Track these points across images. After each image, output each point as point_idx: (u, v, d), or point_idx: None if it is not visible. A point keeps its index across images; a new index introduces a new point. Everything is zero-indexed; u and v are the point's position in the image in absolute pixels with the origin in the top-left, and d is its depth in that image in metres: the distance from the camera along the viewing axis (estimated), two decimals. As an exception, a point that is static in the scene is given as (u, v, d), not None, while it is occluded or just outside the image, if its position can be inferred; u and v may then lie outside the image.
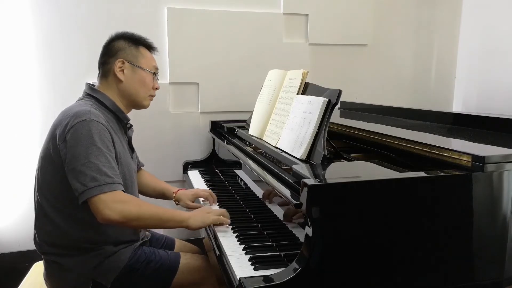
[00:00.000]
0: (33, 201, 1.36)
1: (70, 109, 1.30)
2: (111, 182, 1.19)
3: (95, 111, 1.27)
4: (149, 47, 1.49)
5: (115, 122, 1.40)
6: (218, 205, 1.60)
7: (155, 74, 1.48)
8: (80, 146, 1.19)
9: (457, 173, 1.05)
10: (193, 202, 1.61)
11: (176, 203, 1.66)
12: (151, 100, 1.50)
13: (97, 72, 1.45)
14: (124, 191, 1.23)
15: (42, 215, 1.32)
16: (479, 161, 1.03)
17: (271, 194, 1.41)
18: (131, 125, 1.52)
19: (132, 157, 1.48)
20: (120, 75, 1.39)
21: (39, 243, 1.35)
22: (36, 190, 1.34)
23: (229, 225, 1.36)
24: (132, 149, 1.52)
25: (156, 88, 1.50)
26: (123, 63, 1.39)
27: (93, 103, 1.34)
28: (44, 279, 1.38)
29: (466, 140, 1.43)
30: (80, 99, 1.40)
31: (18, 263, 2.04)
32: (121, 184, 1.22)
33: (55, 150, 1.24)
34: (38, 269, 1.55)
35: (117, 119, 1.41)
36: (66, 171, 1.21)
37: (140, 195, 1.66)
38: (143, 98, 1.46)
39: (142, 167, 1.74)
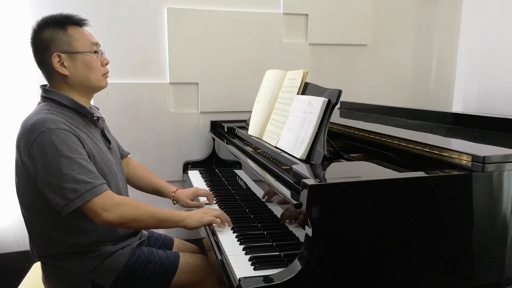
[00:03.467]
0: (20, 213, 1.33)
1: (27, 119, 1.22)
2: (92, 187, 1.16)
3: (52, 117, 1.20)
4: (77, 23, 1.33)
5: (80, 119, 1.31)
6: (218, 205, 1.60)
7: (96, 52, 1.33)
8: (48, 160, 1.14)
9: (457, 173, 1.05)
10: (192, 201, 1.61)
11: (174, 203, 1.64)
12: (107, 77, 1.38)
13: None
14: (110, 190, 1.21)
15: (31, 226, 1.31)
16: (479, 161, 1.03)
17: (270, 193, 1.41)
18: (99, 117, 1.39)
19: (110, 149, 1.42)
20: (62, 70, 1.27)
21: (35, 254, 1.34)
22: (19, 202, 1.31)
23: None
24: (108, 141, 1.43)
25: (106, 63, 1.37)
26: (59, 56, 1.26)
27: (50, 106, 1.26)
28: (43, 282, 1.37)
29: (466, 140, 1.43)
30: (38, 104, 1.32)
31: (18, 263, 2.04)
32: (103, 184, 1.20)
33: (23, 165, 1.21)
34: (38, 269, 1.54)
35: (81, 115, 1.32)
36: (40, 186, 1.17)
37: (134, 190, 1.65)
38: (97, 81, 1.33)
39: (128, 156, 1.68)
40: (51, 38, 1.27)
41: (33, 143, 1.16)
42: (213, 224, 1.34)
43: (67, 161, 1.15)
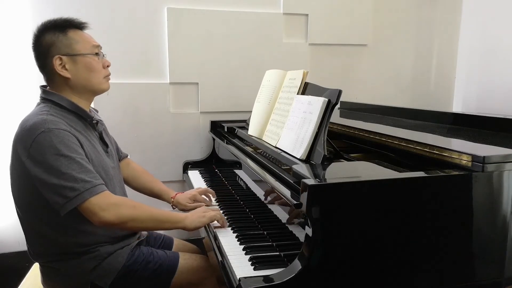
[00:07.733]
0: (16, 213, 1.32)
1: (26, 120, 1.22)
2: (91, 186, 1.16)
3: (51, 118, 1.20)
4: (77, 26, 1.33)
5: (79, 122, 1.31)
6: (218, 205, 1.60)
7: (97, 54, 1.33)
8: (47, 159, 1.14)
9: (457, 173, 1.05)
10: (191, 203, 1.60)
11: (173, 208, 1.63)
12: (109, 79, 1.38)
13: None
14: (108, 190, 1.20)
15: (27, 226, 1.30)
16: (479, 161, 1.03)
17: (270, 192, 1.41)
18: (99, 120, 1.41)
19: (107, 152, 1.40)
20: (64, 73, 1.28)
21: (32, 255, 1.33)
22: (14, 202, 1.30)
23: (229, 225, 1.36)
24: (105, 144, 1.43)
25: (108, 66, 1.37)
26: (60, 59, 1.27)
27: (50, 107, 1.26)
28: (42, 284, 1.37)
29: (466, 140, 1.43)
30: (37, 105, 1.31)
31: (18, 263, 2.04)
32: (102, 184, 1.19)
33: (21, 166, 1.19)
34: (37, 269, 1.54)
35: (81, 118, 1.32)
36: (38, 185, 1.17)
37: (134, 193, 1.64)
38: (98, 83, 1.34)
39: (128, 157, 1.69)
40: (52, 42, 1.27)
41: (32, 143, 1.16)
42: (213, 223, 1.34)
43: (66, 161, 1.15)
